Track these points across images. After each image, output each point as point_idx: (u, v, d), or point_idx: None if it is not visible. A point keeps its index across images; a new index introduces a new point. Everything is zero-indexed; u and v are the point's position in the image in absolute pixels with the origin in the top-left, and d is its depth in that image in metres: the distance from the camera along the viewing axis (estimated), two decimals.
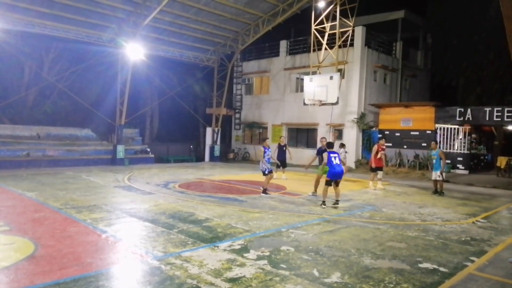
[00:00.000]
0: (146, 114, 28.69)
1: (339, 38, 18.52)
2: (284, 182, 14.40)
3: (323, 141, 11.72)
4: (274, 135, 24.49)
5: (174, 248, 6.00)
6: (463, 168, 18.92)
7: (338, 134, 20.83)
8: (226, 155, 26.79)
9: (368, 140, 21.35)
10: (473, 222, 8.66)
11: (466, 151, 19.24)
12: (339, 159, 9.85)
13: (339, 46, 18.85)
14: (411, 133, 20.07)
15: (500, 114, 17.64)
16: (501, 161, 18.45)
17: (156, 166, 20.35)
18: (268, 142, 12.70)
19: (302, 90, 19.62)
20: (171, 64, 25.69)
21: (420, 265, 5.58)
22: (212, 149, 25.45)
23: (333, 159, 9.65)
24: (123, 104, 20.54)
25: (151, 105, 28.17)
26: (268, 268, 5.24)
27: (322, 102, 17.93)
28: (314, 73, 19.28)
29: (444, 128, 19.45)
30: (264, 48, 26.44)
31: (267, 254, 5.83)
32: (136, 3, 18.18)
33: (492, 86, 25.97)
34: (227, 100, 26.47)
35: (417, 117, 19.91)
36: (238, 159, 26.69)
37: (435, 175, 12.41)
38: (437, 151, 12.45)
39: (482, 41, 25.26)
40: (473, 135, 20.81)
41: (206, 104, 27.91)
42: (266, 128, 25.98)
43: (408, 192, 13.12)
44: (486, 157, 22.10)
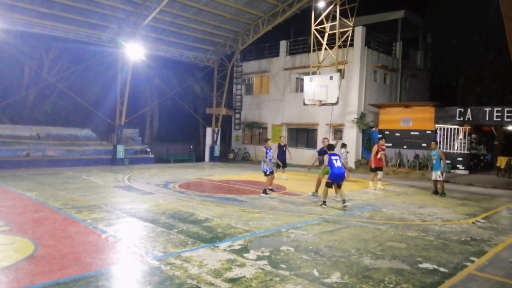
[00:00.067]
0: (146, 114, 28.67)
1: (339, 38, 18.50)
2: (284, 182, 14.38)
3: (325, 142, 11.72)
4: (274, 135, 24.45)
5: (174, 248, 6.00)
6: (463, 168, 18.91)
7: (340, 137, 20.86)
8: (226, 155, 26.78)
9: (368, 140, 21.34)
10: (473, 222, 8.66)
11: (466, 151, 19.23)
12: (341, 162, 9.83)
13: (339, 46, 18.83)
14: (411, 133, 20.06)
15: (500, 114, 17.64)
16: (501, 161, 18.44)
17: (156, 166, 20.35)
18: (270, 143, 12.70)
19: (302, 90, 19.59)
20: (171, 64, 25.69)
21: (420, 265, 5.58)
22: (212, 149, 25.44)
23: (335, 162, 9.61)
24: (123, 104, 20.54)
25: (151, 105, 28.16)
26: (268, 268, 5.24)
27: (322, 102, 17.90)
28: (314, 73, 19.25)
29: (444, 128, 19.45)
30: (264, 48, 26.43)
31: (267, 254, 5.83)
32: (136, 3, 18.18)
33: (492, 86, 26.01)
34: (227, 100, 26.47)
35: (417, 117, 19.91)
36: (238, 159, 26.68)
37: (435, 175, 12.40)
38: (437, 151, 12.44)
39: (482, 41, 25.30)
40: (473, 135, 20.80)
41: (206, 104, 27.91)
42: (266, 128, 25.97)
43: (408, 192, 13.12)
44: (486, 157, 22.10)
